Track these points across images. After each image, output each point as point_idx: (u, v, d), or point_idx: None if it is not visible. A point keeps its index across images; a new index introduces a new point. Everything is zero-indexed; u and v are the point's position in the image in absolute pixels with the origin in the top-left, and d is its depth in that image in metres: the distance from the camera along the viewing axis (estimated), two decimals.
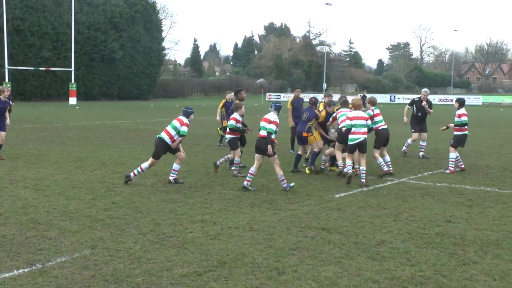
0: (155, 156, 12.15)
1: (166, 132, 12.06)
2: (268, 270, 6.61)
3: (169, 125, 12.16)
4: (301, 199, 10.74)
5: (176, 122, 12.06)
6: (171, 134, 12.04)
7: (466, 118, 14.41)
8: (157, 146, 12.18)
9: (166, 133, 12.06)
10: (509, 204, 10.51)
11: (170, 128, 12.07)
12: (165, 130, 12.12)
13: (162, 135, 12.08)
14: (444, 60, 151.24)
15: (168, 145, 12.13)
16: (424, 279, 6.37)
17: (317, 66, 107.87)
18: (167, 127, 12.15)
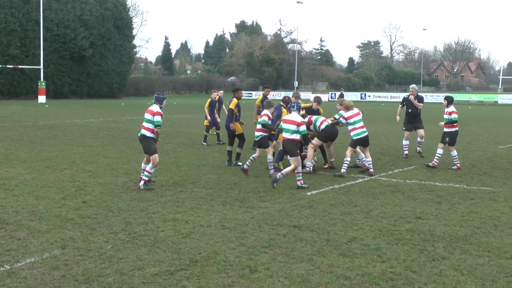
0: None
1: (144, 128, 11.68)
2: (240, 268, 6.61)
3: (144, 122, 11.83)
4: (273, 197, 10.76)
5: (148, 115, 11.67)
6: (148, 127, 11.62)
7: (456, 115, 14.80)
8: (142, 143, 11.80)
9: (144, 129, 11.68)
10: (477, 200, 10.69)
11: (145, 122, 11.71)
12: (142, 126, 11.77)
13: (142, 132, 11.69)
14: (413, 58, 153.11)
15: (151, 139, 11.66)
16: (394, 275, 6.43)
17: (288, 64, 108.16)
18: (143, 123, 11.79)
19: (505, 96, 77.77)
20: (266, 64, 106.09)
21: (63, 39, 66.67)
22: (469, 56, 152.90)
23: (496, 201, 10.58)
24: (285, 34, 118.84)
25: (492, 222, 8.93)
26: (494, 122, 34.48)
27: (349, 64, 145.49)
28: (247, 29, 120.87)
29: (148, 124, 11.61)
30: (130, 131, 24.76)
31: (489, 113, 46.53)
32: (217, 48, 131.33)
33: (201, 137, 20.57)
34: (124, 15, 76.57)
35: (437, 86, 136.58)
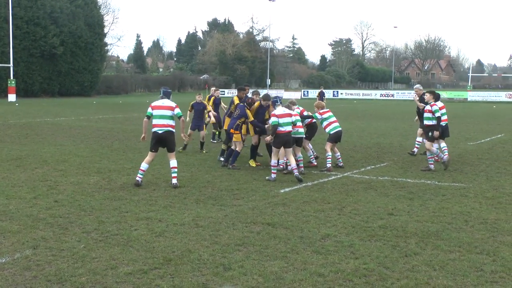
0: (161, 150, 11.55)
1: (167, 125, 11.29)
2: (214, 266, 6.60)
3: (160, 118, 11.32)
4: (246, 194, 10.76)
5: (167, 111, 11.32)
6: (170, 123, 11.35)
7: (445, 110, 15.60)
8: (166, 140, 11.39)
9: (167, 126, 11.28)
10: (448, 196, 10.82)
11: (165, 119, 11.30)
12: (163, 125, 11.29)
13: (168, 129, 11.27)
14: (385, 56, 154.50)
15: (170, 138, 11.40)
16: (368, 271, 6.48)
17: (261, 62, 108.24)
18: (160, 121, 11.30)
19: (474, 93, 78.99)
20: (238, 62, 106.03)
21: (33, 36, 65.76)
22: (439, 53, 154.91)
23: (467, 197, 10.73)
24: (258, 32, 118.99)
25: (463, 218, 9.05)
26: (464, 119, 34.96)
27: (321, 62, 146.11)
28: (219, 26, 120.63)
29: (170, 121, 11.38)
30: (102, 129, 24.54)
31: (459, 110, 47.15)
32: (189, 46, 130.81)
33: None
34: (95, 13, 75.83)
35: (408, 84, 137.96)
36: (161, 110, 11.43)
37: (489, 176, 13.13)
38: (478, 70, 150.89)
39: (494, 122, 32.46)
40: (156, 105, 11.54)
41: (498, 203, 10.20)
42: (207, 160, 15.29)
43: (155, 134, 11.40)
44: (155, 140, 11.46)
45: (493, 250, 7.35)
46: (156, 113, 11.45)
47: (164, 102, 11.55)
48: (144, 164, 11.51)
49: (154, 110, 11.48)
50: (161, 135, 11.37)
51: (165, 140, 11.44)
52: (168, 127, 11.36)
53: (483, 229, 8.41)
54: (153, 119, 11.46)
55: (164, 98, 11.65)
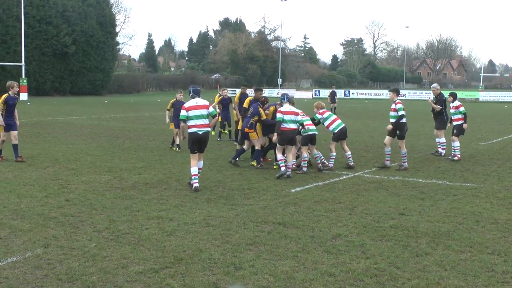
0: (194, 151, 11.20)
1: (205, 125, 11.07)
2: (225, 265, 6.60)
3: (198, 119, 11.00)
4: (257, 194, 10.76)
5: (204, 110, 11.08)
6: (207, 123, 11.21)
7: (463, 108, 16.34)
8: (204, 140, 11.18)
9: (205, 126, 11.06)
10: (459, 196, 10.77)
11: (203, 119, 11.05)
12: (201, 125, 10.99)
13: (207, 129, 11.09)
14: (396, 55, 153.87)
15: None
16: (378, 271, 6.46)
17: (272, 61, 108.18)
18: (199, 121, 11.01)
19: (486, 94, 78.56)
20: (250, 61, 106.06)
21: (45, 35, 66.20)
22: (451, 53, 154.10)
23: (478, 197, 10.67)
24: (269, 31, 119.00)
25: (474, 218, 9.00)
26: (476, 119, 34.75)
27: (333, 62, 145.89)
28: (231, 26, 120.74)
29: (207, 120, 11.15)
30: (114, 128, 24.64)
31: (471, 110, 46.83)
32: (200, 45, 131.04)
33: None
34: (107, 12, 76.23)
35: (419, 83, 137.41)
36: (197, 110, 11.07)
37: (501, 177, 13.04)
38: (489, 70, 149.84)
39: (506, 122, 32.26)
40: (190, 106, 11.11)
41: (509, 204, 10.13)
42: (218, 159, 15.30)
43: (195, 135, 11.02)
44: (194, 141, 11.08)
45: (504, 250, 7.30)
46: (193, 114, 11.03)
47: (198, 101, 11.21)
48: (192, 168, 11.07)
49: (189, 112, 11.03)
50: (201, 136, 11.08)
51: (203, 140, 11.17)
52: (207, 127, 11.11)
53: (494, 229, 8.36)
54: (190, 120, 11.05)
55: (195, 97, 11.32)
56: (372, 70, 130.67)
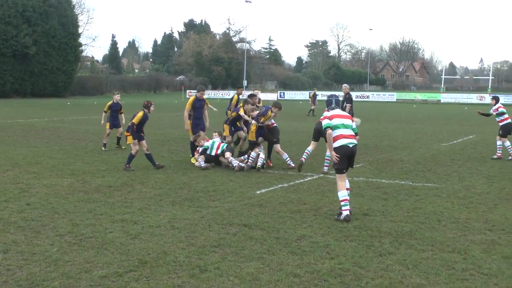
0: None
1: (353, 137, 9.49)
2: (190, 268, 6.58)
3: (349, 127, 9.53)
4: (223, 196, 10.76)
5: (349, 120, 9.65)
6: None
7: (504, 109, 17.12)
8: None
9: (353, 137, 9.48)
10: (422, 196, 10.95)
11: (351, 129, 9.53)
12: (352, 136, 9.43)
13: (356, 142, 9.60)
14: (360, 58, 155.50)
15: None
16: (343, 271, 6.53)
17: (237, 63, 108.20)
18: (351, 131, 9.51)
19: (447, 95, 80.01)
20: (215, 63, 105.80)
21: (4, 36, 64.82)
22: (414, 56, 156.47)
23: (440, 197, 10.87)
24: (234, 33, 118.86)
25: (436, 217, 9.17)
26: (437, 121, 35.40)
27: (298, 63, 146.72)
28: (195, 28, 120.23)
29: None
30: (77, 131, 24.33)
31: (433, 112, 47.71)
32: (165, 47, 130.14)
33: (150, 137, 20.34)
34: (69, 12, 75.03)
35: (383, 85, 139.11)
36: (346, 119, 9.59)
37: (461, 177, 13.31)
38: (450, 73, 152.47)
39: (466, 124, 32.93)
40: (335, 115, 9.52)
41: (469, 203, 10.35)
42: (183, 161, 15.25)
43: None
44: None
45: (464, 248, 7.47)
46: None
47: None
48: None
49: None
50: (353, 148, 9.37)
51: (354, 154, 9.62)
52: (354, 139, 9.55)
53: (455, 228, 8.53)
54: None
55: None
56: (337, 72, 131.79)
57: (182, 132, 21.09)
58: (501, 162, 15.93)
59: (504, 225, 8.76)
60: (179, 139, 20.50)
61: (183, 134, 20.91)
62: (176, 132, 23.97)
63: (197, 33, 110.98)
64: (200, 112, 15.40)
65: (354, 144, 9.25)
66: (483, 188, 11.85)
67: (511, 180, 12.83)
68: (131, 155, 13.75)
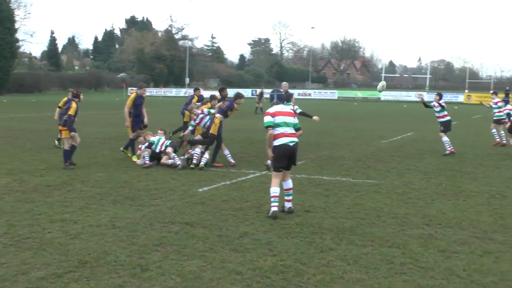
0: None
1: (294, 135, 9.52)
2: (131, 267, 6.50)
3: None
4: (165, 194, 10.67)
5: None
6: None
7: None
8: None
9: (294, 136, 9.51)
10: (362, 192, 11.16)
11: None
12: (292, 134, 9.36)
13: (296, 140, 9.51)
14: (302, 55, 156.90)
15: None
16: (285, 268, 6.58)
17: (180, 60, 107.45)
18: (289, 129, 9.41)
19: (387, 93, 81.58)
20: (157, 61, 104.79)
21: None
22: (355, 54, 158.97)
23: (379, 193, 11.10)
24: (176, 30, 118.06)
25: (376, 213, 9.36)
26: (378, 118, 36.15)
27: (240, 61, 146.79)
28: (137, 24, 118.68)
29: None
30: (14, 129, 23.63)
31: (373, 109, 48.68)
32: (106, 44, 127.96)
33: (91, 135, 20.03)
34: (4, 7, 72.70)
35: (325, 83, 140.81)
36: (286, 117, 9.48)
37: (400, 173, 13.64)
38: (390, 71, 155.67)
39: (404, 121, 33.75)
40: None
41: (408, 198, 10.62)
42: (124, 160, 15.03)
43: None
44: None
45: (403, 243, 7.65)
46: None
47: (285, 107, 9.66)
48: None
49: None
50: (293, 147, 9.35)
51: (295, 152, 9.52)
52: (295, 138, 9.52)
53: (394, 223, 8.74)
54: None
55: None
56: (279, 69, 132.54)
57: (124, 130, 20.78)
58: (438, 158, 16.39)
59: (441, 219, 9.02)
60: (120, 137, 20.21)
61: (124, 132, 20.60)
62: (117, 130, 23.60)
63: (139, 30, 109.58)
64: (139, 109, 15.24)
65: (294, 143, 9.29)
66: (421, 184, 12.17)
67: (447, 176, 13.23)
68: (67, 152, 13.49)
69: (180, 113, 20.03)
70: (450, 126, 17.76)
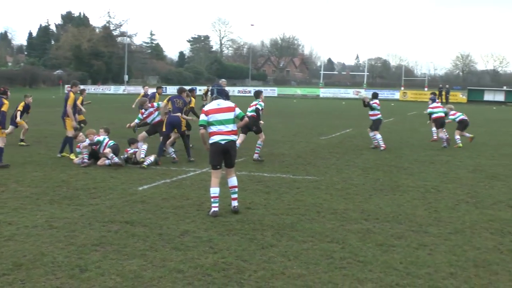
0: None
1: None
2: (69, 268, 6.36)
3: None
4: (104, 193, 10.49)
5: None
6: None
7: (377, 106, 18.46)
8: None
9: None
10: (302, 189, 11.29)
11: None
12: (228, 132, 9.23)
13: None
14: (242, 53, 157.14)
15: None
16: (226, 265, 6.59)
17: (118, 57, 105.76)
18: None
19: (326, 90, 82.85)
20: (95, 57, 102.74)
21: None
22: (294, 51, 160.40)
23: (319, 189, 11.26)
24: (115, 26, 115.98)
25: (315, 209, 9.49)
26: (317, 115, 36.61)
27: (180, 58, 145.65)
28: (74, 20, 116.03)
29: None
30: None
31: (312, 106, 49.28)
32: (41, 40, 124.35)
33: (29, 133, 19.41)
34: None
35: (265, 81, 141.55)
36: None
37: (339, 169, 13.87)
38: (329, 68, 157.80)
39: (343, 118, 34.32)
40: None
41: (347, 194, 10.81)
42: (61, 158, 14.68)
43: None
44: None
45: (342, 238, 7.79)
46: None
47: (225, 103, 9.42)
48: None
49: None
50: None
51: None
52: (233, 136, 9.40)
53: (334, 219, 8.88)
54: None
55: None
56: (219, 67, 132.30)
57: (60, 128, 20.27)
58: (376, 154, 16.76)
59: (378, 214, 9.23)
60: (56, 135, 19.71)
61: (61, 130, 20.11)
62: (54, 128, 23.02)
63: (76, 26, 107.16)
64: (76, 107, 15.33)
65: (227, 141, 9.20)
66: (359, 180, 12.41)
67: (384, 172, 13.54)
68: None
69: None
70: (379, 125, 18.35)
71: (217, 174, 9.27)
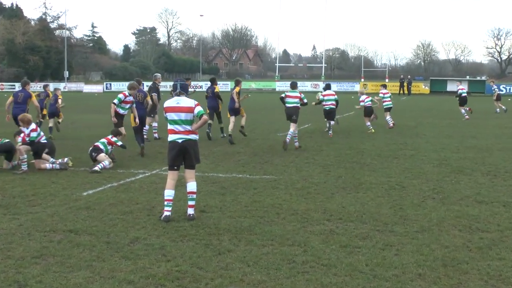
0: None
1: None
2: (6, 284, 6.19)
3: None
4: (44, 200, 10.26)
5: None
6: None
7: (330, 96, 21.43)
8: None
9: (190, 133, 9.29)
10: (260, 189, 11.28)
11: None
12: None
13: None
14: (192, 45, 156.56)
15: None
16: (180, 274, 6.52)
17: (57, 52, 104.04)
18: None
19: (282, 84, 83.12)
20: (30, 52, 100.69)
21: None
22: (247, 43, 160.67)
23: (278, 189, 11.27)
24: (52, 18, 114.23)
25: (275, 210, 9.49)
26: (273, 110, 36.67)
27: (125, 52, 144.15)
28: (5, 12, 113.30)
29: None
30: None
31: (268, 101, 49.36)
32: None
33: None
34: None
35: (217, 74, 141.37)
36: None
37: (298, 167, 13.93)
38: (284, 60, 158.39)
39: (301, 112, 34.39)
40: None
41: (307, 193, 10.86)
42: None
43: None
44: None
45: (304, 240, 7.81)
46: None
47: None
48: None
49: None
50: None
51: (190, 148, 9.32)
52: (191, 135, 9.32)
53: (294, 220, 8.90)
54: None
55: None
56: (167, 60, 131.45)
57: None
58: (336, 150, 16.91)
59: (341, 214, 9.30)
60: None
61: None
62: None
63: (8, 18, 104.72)
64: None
65: (184, 139, 9.12)
66: (320, 178, 12.49)
67: (346, 169, 13.67)
68: None
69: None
70: (332, 115, 21.44)
71: (173, 175, 9.19)
